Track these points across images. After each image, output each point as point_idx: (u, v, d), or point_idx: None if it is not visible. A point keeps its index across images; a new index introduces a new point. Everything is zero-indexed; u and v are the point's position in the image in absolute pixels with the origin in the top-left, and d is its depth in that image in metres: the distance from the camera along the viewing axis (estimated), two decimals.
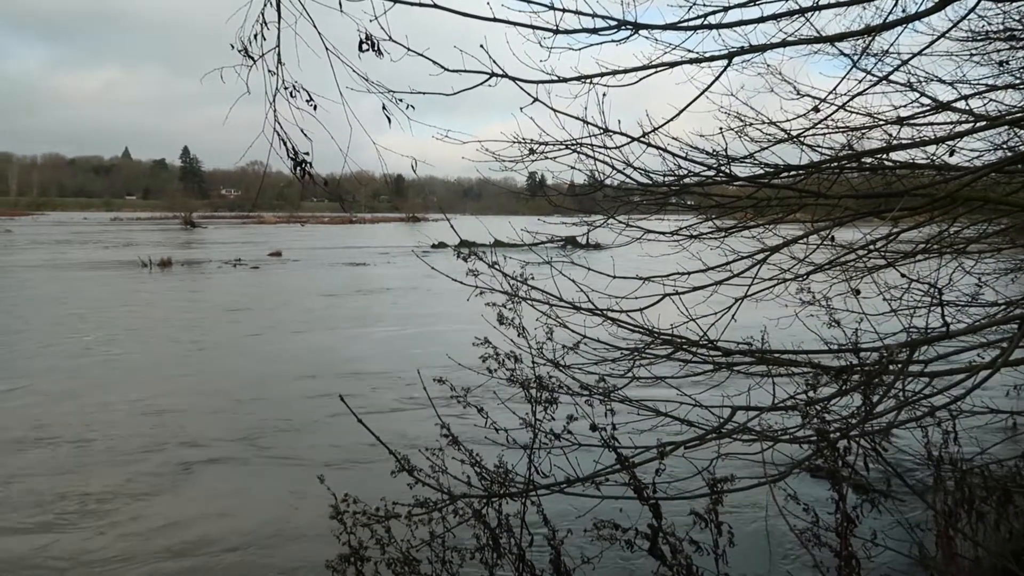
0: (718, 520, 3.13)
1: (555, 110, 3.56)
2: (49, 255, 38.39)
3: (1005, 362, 2.93)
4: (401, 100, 3.11)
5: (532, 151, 4.11)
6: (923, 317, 3.96)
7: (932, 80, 5.16)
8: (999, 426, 5.49)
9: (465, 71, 3.33)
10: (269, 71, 2.81)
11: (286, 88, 2.87)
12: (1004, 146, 5.61)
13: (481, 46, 3.22)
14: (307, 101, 2.90)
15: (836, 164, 4.24)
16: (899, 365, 3.27)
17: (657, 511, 3.14)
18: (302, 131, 2.90)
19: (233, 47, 2.88)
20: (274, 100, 2.83)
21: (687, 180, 4.14)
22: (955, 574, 3.91)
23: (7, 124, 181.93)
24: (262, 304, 20.74)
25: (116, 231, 65.59)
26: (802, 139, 4.62)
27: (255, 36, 2.80)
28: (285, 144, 2.89)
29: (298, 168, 2.96)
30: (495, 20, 3.22)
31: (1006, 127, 5.07)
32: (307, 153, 2.96)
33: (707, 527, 3.14)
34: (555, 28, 3.44)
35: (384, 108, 3.06)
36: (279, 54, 2.83)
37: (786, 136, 4.65)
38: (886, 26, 3.83)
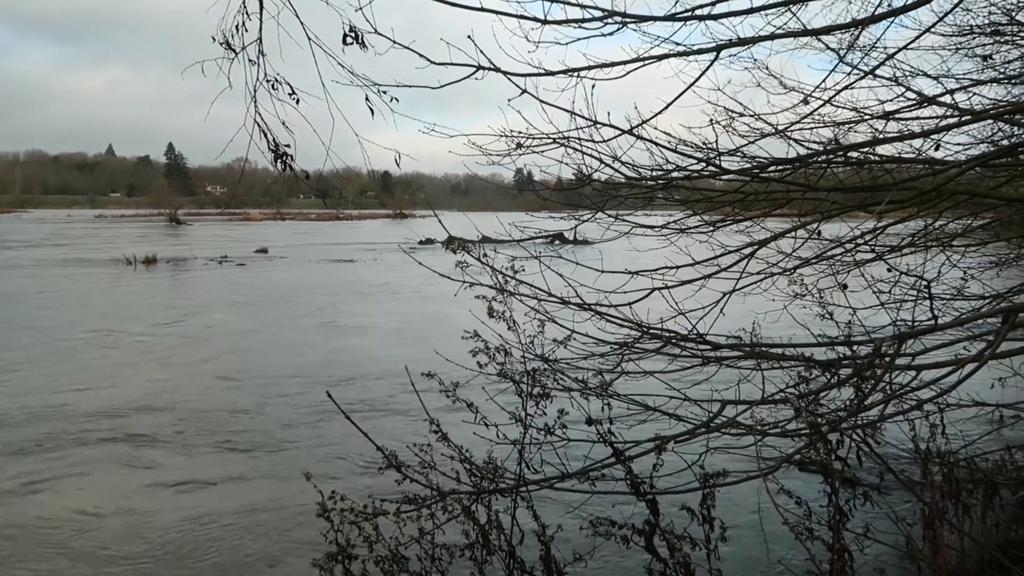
0: (710, 515, 3.12)
1: (543, 102, 3.53)
2: (32, 253, 37.89)
3: (991, 355, 2.93)
4: (385, 92, 3.06)
5: (520, 145, 4.08)
6: (910, 311, 3.97)
7: (918, 74, 5.18)
8: (985, 419, 5.53)
9: (452, 64, 3.29)
10: (250, 60, 2.76)
11: (268, 81, 2.82)
12: (988, 140, 5.64)
13: (469, 37, 3.19)
14: (289, 95, 2.85)
15: (823, 158, 4.24)
16: (887, 358, 3.27)
17: (654, 506, 3.13)
18: (284, 124, 2.85)
19: (215, 39, 2.82)
20: (255, 93, 2.78)
21: (675, 174, 4.13)
22: (942, 566, 3.93)
23: (4, 123, 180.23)
24: (249, 301, 20.58)
25: (100, 228, 64.92)
26: (789, 133, 4.61)
27: (236, 28, 2.75)
28: (266, 136, 2.84)
29: (279, 161, 2.91)
30: (482, 10, 3.19)
31: (990, 121, 5.09)
32: (288, 146, 2.91)
33: (702, 523, 3.13)
34: (543, 19, 3.41)
35: (367, 100, 3.02)
36: (260, 45, 2.77)
37: (773, 130, 4.64)
38: (873, 19, 3.83)
